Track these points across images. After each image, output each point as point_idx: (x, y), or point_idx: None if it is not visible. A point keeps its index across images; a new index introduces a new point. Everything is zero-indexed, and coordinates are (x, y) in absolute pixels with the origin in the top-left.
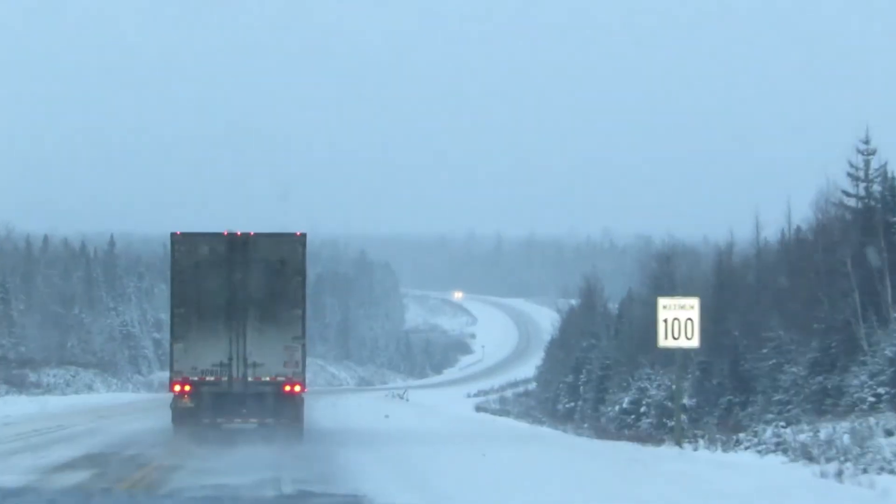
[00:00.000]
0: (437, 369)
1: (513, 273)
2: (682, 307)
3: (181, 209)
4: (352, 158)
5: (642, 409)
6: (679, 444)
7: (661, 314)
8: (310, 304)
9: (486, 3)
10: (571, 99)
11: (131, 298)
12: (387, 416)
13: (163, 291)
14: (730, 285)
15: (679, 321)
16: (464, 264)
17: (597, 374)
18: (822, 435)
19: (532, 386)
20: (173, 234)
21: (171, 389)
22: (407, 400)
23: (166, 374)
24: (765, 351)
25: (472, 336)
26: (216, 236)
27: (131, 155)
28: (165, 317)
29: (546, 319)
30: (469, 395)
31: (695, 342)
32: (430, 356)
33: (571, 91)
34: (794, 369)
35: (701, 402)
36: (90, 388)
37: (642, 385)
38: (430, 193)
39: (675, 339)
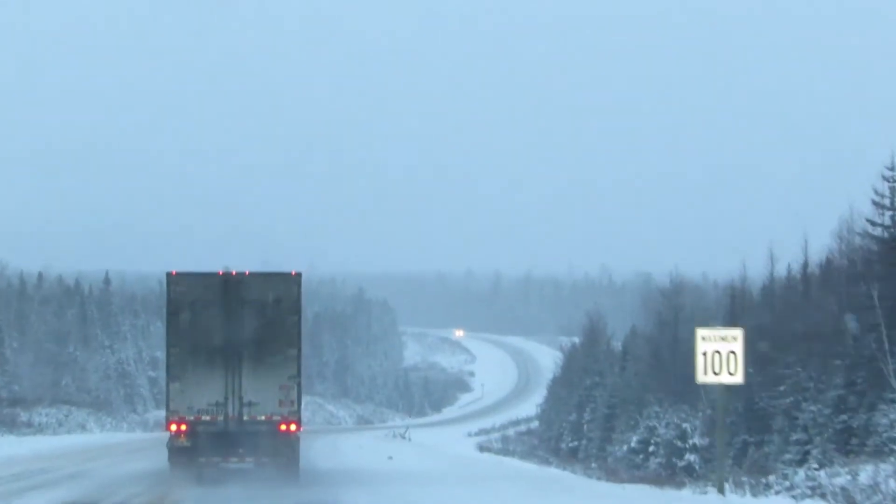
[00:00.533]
0: (437, 408)
1: (511, 311)
2: (724, 339)
3: (177, 247)
4: (349, 196)
5: (651, 449)
6: (721, 490)
7: (700, 347)
8: (307, 343)
9: (475, 40)
10: (569, 135)
11: (127, 336)
12: (391, 458)
13: (159, 329)
14: (743, 320)
15: (720, 354)
16: (462, 302)
17: (602, 412)
18: (863, 478)
19: (534, 424)
20: (169, 274)
21: (168, 429)
22: (409, 439)
23: (162, 413)
24: (782, 388)
25: (471, 374)
26: (211, 276)
27: (127, 193)
28: (161, 355)
29: (545, 357)
30: (470, 434)
31: (738, 378)
32: (429, 394)
33: (569, 127)
34: (813, 407)
35: (713, 442)
36: (83, 427)
37: (650, 424)
38: (427, 231)
39: (715, 374)
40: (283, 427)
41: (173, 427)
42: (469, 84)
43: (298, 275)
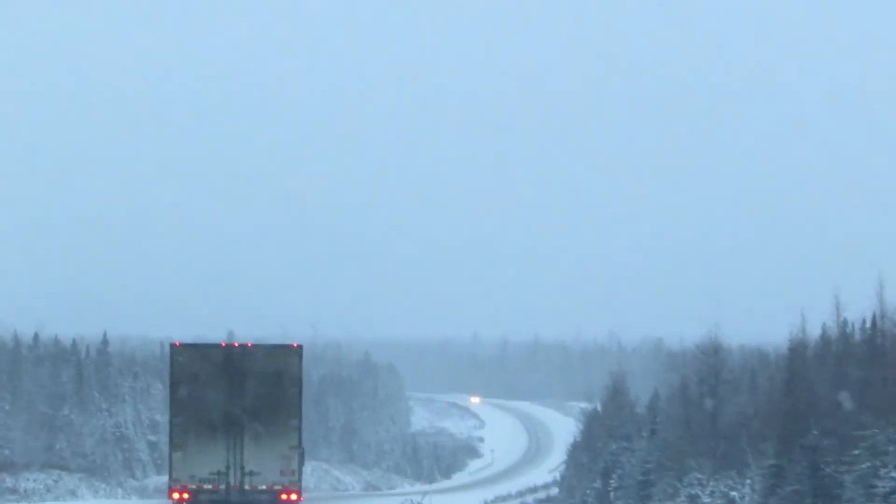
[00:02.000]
0: (446, 473)
1: (518, 376)
2: None
3: (178, 313)
4: (353, 261)
5: None
6: None
7: None
8: (312, 407)
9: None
10: (572, 199)
11: (125, 399)
12: None
13: (159, 392)
14: (802, 379)
15: None
16: (469, 367)
17: (636, 478)
18: None
19: (554, 492)
20: (172, 345)
21: (170, 496)
22: None
23: (162, 479)
24: (856, 452)
25: (481, 440)
26: (214, 347)
27: (126, 257)
28: (161, 418)
29: (554, 422)
30: (486, 502)
31: None
32: (438, 460)
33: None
34: (895, 474)
35: None
36: (74, 494)
37: (693, 492)
38: (433, 296)
39: None
40: (284, 496)
41: (175, 495)
42: (473, 146)
43: (299, 347)
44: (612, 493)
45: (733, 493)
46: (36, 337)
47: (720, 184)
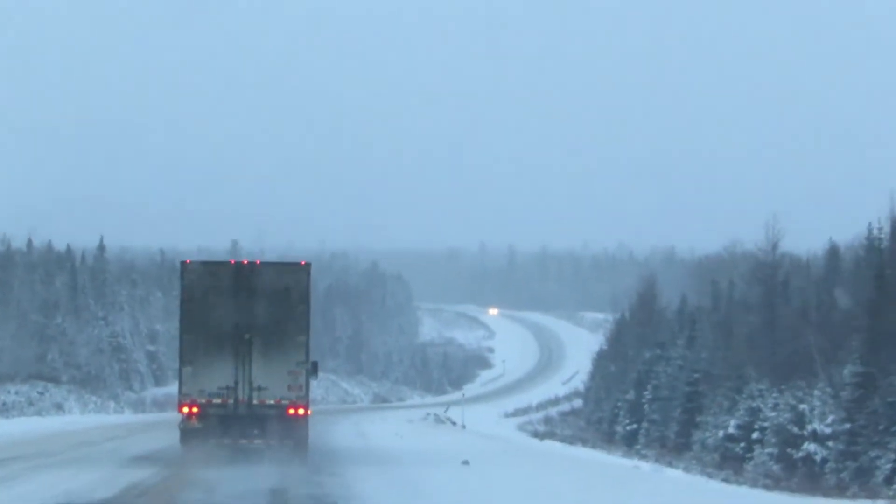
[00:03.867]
0: (456, 385)
1: (527, 286)
2: None
3: (180, 222)
4: (360, 171)
5: (755, 436)
6: None
7: None
8: (319, 318)
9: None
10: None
11: (123, 307)
12: (466, 463)
13: (159, 300)
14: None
15: None
16: (476, 278)
17: (682, 390)
18: None
19: (577, 403)
20: (183, 263)
21: (180, 410)
22: (455, 423)
23: (161, 391)
24: None
25: (491, 350)
26: (224, 265)
27: (129, 164)
28: (161, 328)
29: (567, 332)
30: (506, 415)
31: None
32: (447, 371)
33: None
34: None
35: (857, 429)
36: (60, 408)
37: (753, 405)
38: (440, 206)
39: None
40: (292, 411)
41: (185, 409)
42: (483, 60)
43: (308, 265)
44: (646, 406)
45: (802, 406)
46: (29, 242)
47: (728, 93)
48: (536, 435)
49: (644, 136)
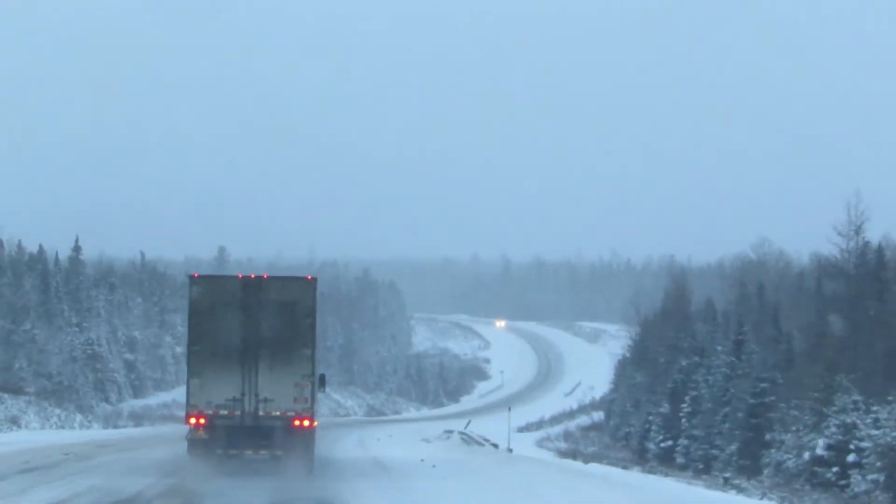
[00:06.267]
0: (453, 397)
1: (522, 296)
2: None
3: (167, 229)
4: (352, 181)
5: (850, 458)
6: None
7: None
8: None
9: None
10: (571, 119)
11: (100, 313)
12: None
13: (138, 306)
14: None
15: None
16: (470, 288)
17: (747, 402)
18: None
19: (598, 417)
20: (191, 277)
21: (187, 422)
22: (492, 444)
23: (140, 403)
24: None
25: (487, 361)
26: (231, 279)
27: (116, 171)
28: (140, 335)
29: (565, 342)
30: (520, 430)
31: None
32: (444, 382)
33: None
34: None
35: None
36: (15, 422)
37: (847, 420)
38: (433, 216)
39: None
40: (297, 422)
41: (192, 420)
42: (477, 68)
43: (314, 280)
44: (684, 420)
45: None
46: None
47: (723, 101)
48: (566, 454)
49: (638, 144)
